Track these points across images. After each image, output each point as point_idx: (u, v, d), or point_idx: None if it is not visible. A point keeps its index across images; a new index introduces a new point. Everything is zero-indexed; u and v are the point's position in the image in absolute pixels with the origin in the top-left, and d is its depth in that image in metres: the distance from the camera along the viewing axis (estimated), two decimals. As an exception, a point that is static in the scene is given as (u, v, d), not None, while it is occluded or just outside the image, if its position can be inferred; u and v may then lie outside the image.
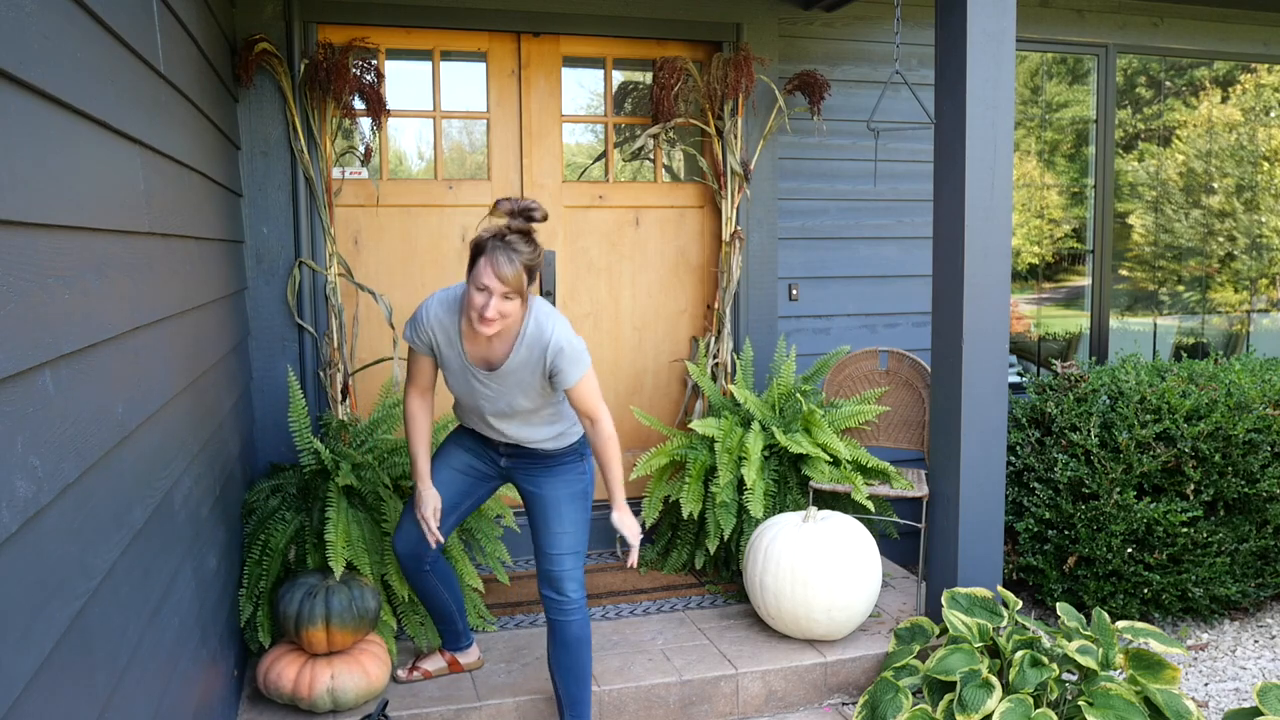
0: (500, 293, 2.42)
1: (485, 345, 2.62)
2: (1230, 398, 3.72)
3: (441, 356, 2.68)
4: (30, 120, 1.31)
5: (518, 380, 2.62)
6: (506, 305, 2.44)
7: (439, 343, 2.66)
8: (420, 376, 2.77)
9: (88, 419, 1.50)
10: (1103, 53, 4.91)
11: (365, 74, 3.73)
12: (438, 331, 2.65)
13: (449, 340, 2.65)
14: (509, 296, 2.43)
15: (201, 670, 2.35)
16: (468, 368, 2.64)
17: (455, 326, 2.63)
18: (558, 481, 2.77)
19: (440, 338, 2.65)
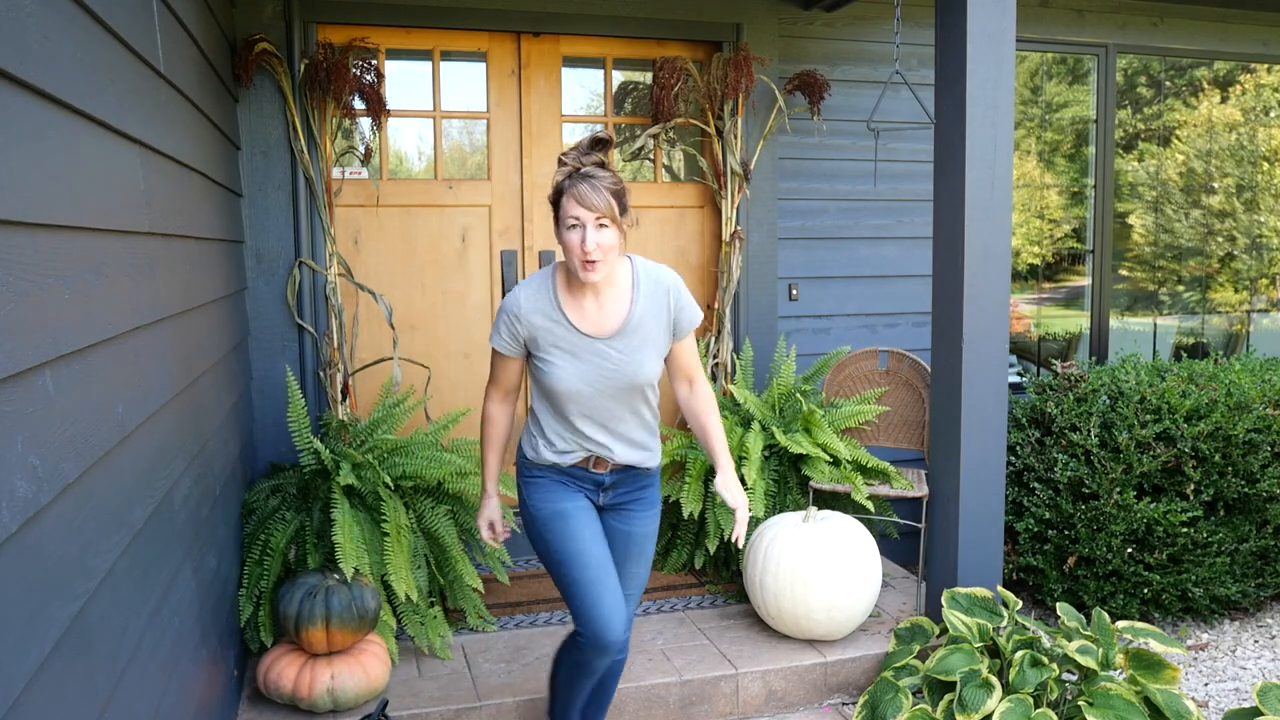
0: (594, 221, 2.20)
1: (597, 312, 2.35)
2: (1230, 398, 3.72)
3: (545, 348, 2.35)
4: (30, 120, 1.31)
5: (646, 336, 2.37)
6: (604, 236, 2.22)
7: (538, 331, 2.34)
8: (505, 378, 2.48)
9: (88, 419, 1.50)
10: (1103, 53, 4.91)
11: (365, 74, 3.73)
12: (535, 318, 2.34)
13: (551, 321, 2.34)
14: (603, 224, 2.21)
15: (201, 670, 2.35)
16: (586, 342, 2.34)
17: (553, 303, 2.34)
18: (648, 515, 2.54)
19: (539, 322, 2.34)
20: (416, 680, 3.12)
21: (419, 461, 3.34)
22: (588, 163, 2.26)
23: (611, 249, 2.24)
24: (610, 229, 2.22)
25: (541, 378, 2.38)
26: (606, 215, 2.20)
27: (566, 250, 2.25)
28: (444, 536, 3.33)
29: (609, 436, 2.43)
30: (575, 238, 2.22)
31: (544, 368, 2.36)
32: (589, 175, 2.22)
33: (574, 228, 2.22)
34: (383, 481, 3.20)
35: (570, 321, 2.34)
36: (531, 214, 4.20)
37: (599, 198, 2.20)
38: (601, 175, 2.23)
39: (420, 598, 3.26)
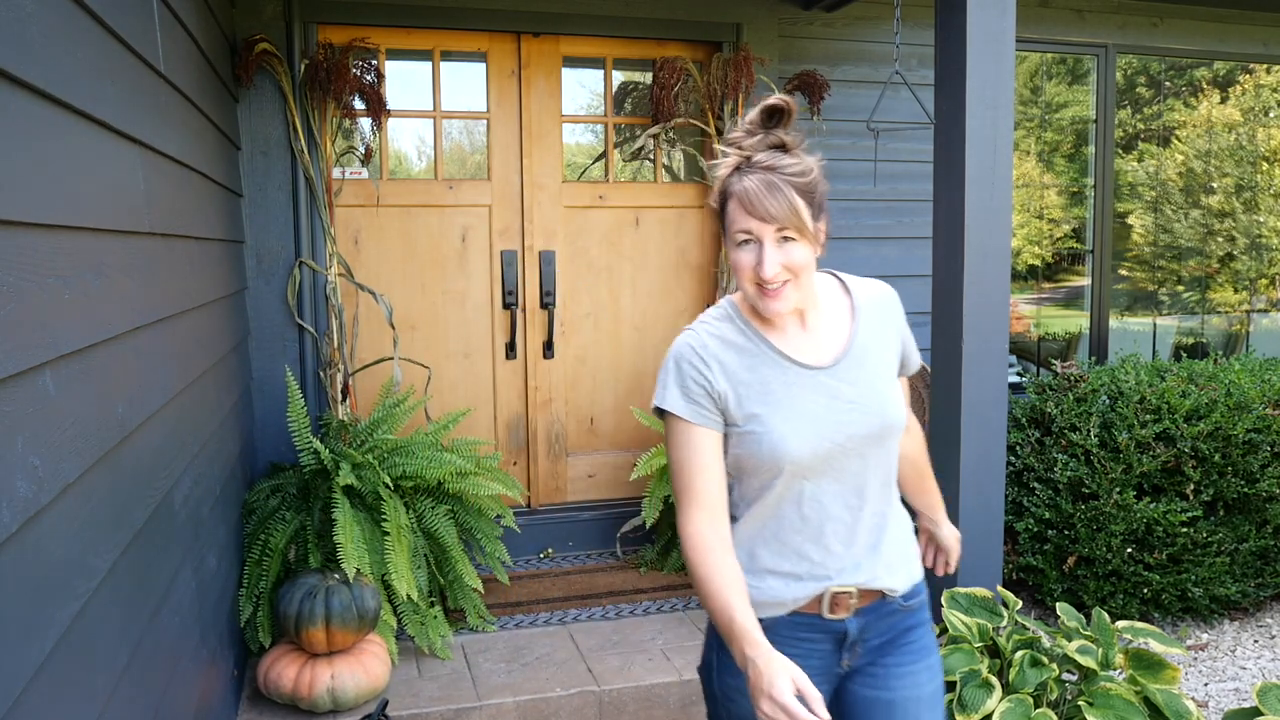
0: (773, 235, 1.53)
1: (806, 336, 1.66)
2: (1230, 398, 3.72)
3: (750, 404, 1.58)
4: (30, 120, 1.31)
5: (879, 363, 1.67)
6: (792, 253, 1.54)
7: (735, 377, 1.59)
8: (705, 469, 1.57)
9: (88, 419, 1.50)
10: (1102, 53, 4.91)
11: (365, 74, 3.73)
12: (729, 355, 1.60)
13: (752, 356, 1.61)
14: (788, 236, 1.54)
15: (201, 670, 2.36)
16: (807, 376, 1.61)
17: (746, 332, 1.63)
18: (920, 668, 1.70)
19: (735, 362, 1.60)
20: (416, 680, 3.12)
21: (419, 461, 3.34)
22: (761, 148, 1.58)
23: (804, 269, 1.57)
24: (798, 243, 1.55)
25: (748, 459, 1.59)
26: (790, 225, 1.53)
27: (737, 273, 1.58)
28: (444, 536, 3.33)
29: (849, 541, 1.63)
30: (747, 258, 1.56)
31: (751, 439, 1.58)
32: (764, 167, 1.55)
33: (745, 244, 1.56)
34: (383, 481, 3.20)
35: (778, 349, 1.62)
36: (531, 214, 4.20)
37: (778, 201, 1.52)
38: (784, 164, 1.55)
39: (420, 598, 3.26)
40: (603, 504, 4.40)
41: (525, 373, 4.27)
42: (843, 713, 1.70)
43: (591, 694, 3.06)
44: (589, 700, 3.06)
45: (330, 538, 3.06)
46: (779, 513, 1.61)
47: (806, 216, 1.54)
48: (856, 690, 1.68)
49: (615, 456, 4.42)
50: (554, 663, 3.23)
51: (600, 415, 4.41)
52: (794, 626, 1.63)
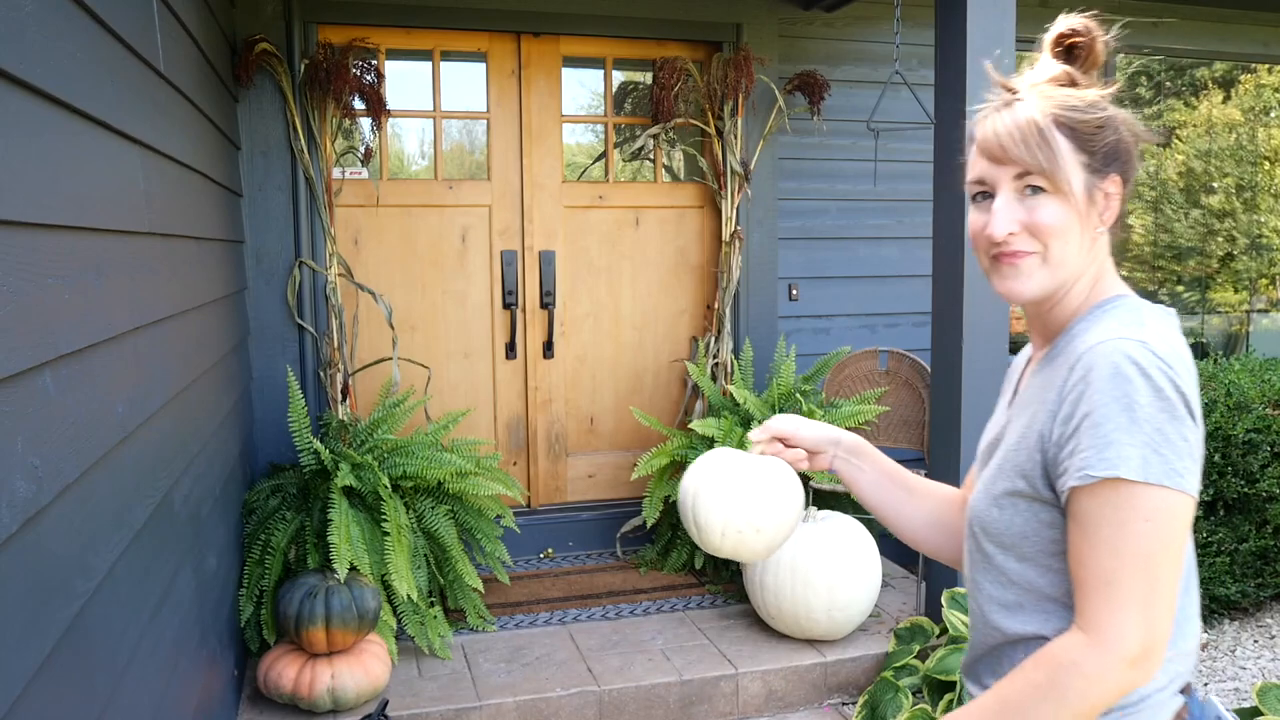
0: (1011, 183, 1.13)
1: (1037, 361, 1.25)
2: (1230, 398, 3.72)
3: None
4: (30, 120, 1.31)
5: (1015, 442, 1.17)
6: (1039, 210, 1.12)
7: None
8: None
9: (88, 419, 1.50)
10: (1103, 53, 4.90)
11: (365, 74, 3.73)
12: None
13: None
14: (1034, 184, 1.12)
15: (201, 670, 2.36)
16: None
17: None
18: None
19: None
20: (416, 680, 3.12)
21: (419, 461, 3.34)
22: (1035, 84, 1.17)
23: (1060, 234, 1.13)
24: (1051, 197, 1.12)
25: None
26: (1037, 170, 1.11)
27: (972, 242, 1.20)
28: (444, 536, 3.33)
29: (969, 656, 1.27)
30: (976, 217, 1.17)
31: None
32: (1031, 96, 1.15)
33: (977, 197, 1.18)
34: (382, 482, 3.20)
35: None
36: (531, 214, 4.19)
37: (1025, 140, 1.11)
38: (1055, 95, 1.14)
39: (420, 598, 3.26)
40: (603, 504, 4.40)
41: (525, 373, 4.27)
42: None
43: (591, 694, 3.06)
44: (589, 700, 3.06)
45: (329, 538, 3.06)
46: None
47: (1068, 162, 1.10)
48: None
49: (615, 456, 4.42)
50: (554, 663, 3.23)
51: (600, 415, 4.41)
52: None
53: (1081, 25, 1.19)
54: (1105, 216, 1.16)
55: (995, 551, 1.16)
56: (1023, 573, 1.13)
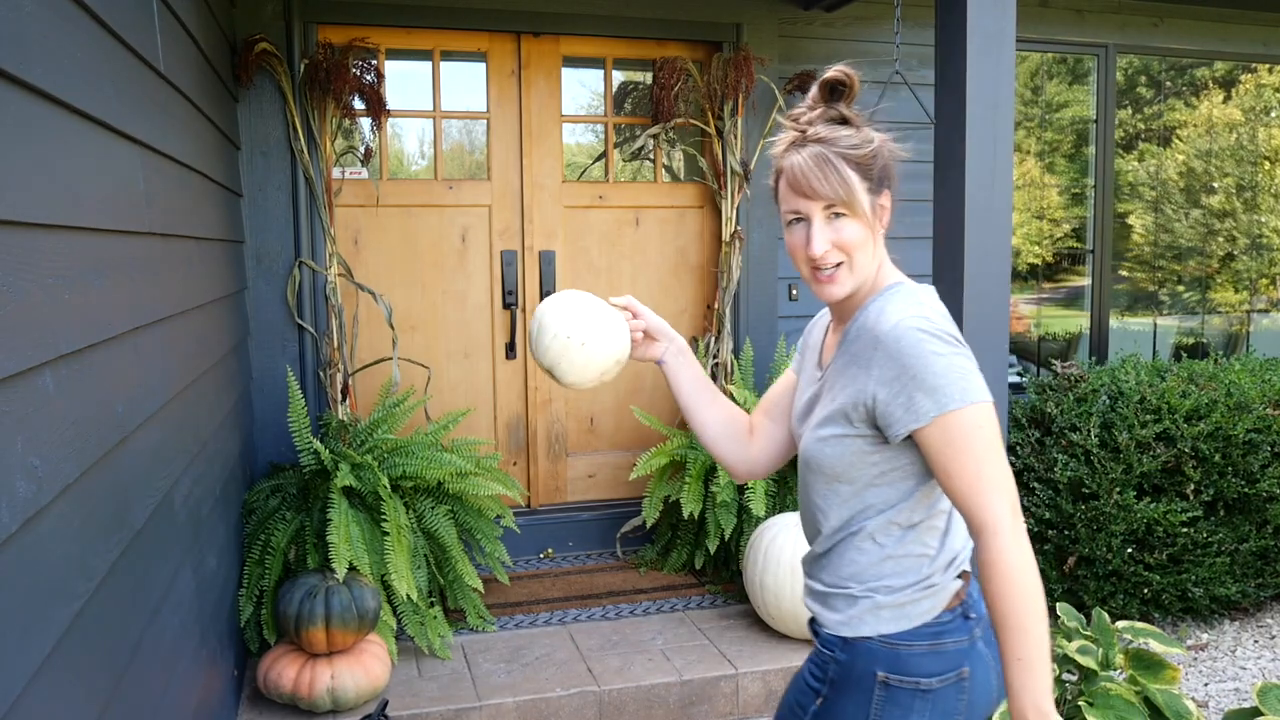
0: (822, 213, 1.45)
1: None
2: (1230, 398, 3.72)
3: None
4: (30, 120, 1.31)
5: (832, 400, 1.53)
6: (843, 230, 1.46)
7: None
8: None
9: (88, 419, 1.50)
10: (1103, 53, 4.90)
11: (365, 74, 3.73)
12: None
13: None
14: (837, 212, 1.45)
15: (201, 670, 2.36)
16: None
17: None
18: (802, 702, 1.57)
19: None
20: (416, 680, 3.12)
21: (419, 461, 3.34)
22: (819, 121, 1.49)
23: (857, 248, 1.46)
24: (851, 219, 1.45)
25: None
26: (840, 200, 1.44)
27: (792, 257, 1.52)
28: (444, 536, 3.33)
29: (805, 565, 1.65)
30: (798, 238, 1.48)
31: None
32: (817, 140, 1.46)
33: (795, 223, 1.49)
34: (382, 482, 3.20)
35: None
36: (531, 214, 4.19)
37: (827, 176, 1.43)
38: (838, 137, 1.46)
39: (420, 598, 3.26)
40: (603, 504, 4.40)
41: (525, 373, 4.27)
42: None
43: (591, 694, 3.06)
44: (589, 700, 3.06)
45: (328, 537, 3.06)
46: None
47: (859, 191, 1.43)
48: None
49: (615, 456, 4.42)
50: (554, 663, 3.23)
51: (600, 415, 4.41)
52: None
53: (844, 75, 1.50)
54: (884, 223, 1.51)
55: (823, 477, 1.51)
56: (842, 488, 1.49)
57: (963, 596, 1.50)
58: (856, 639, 1.47)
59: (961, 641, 1.47)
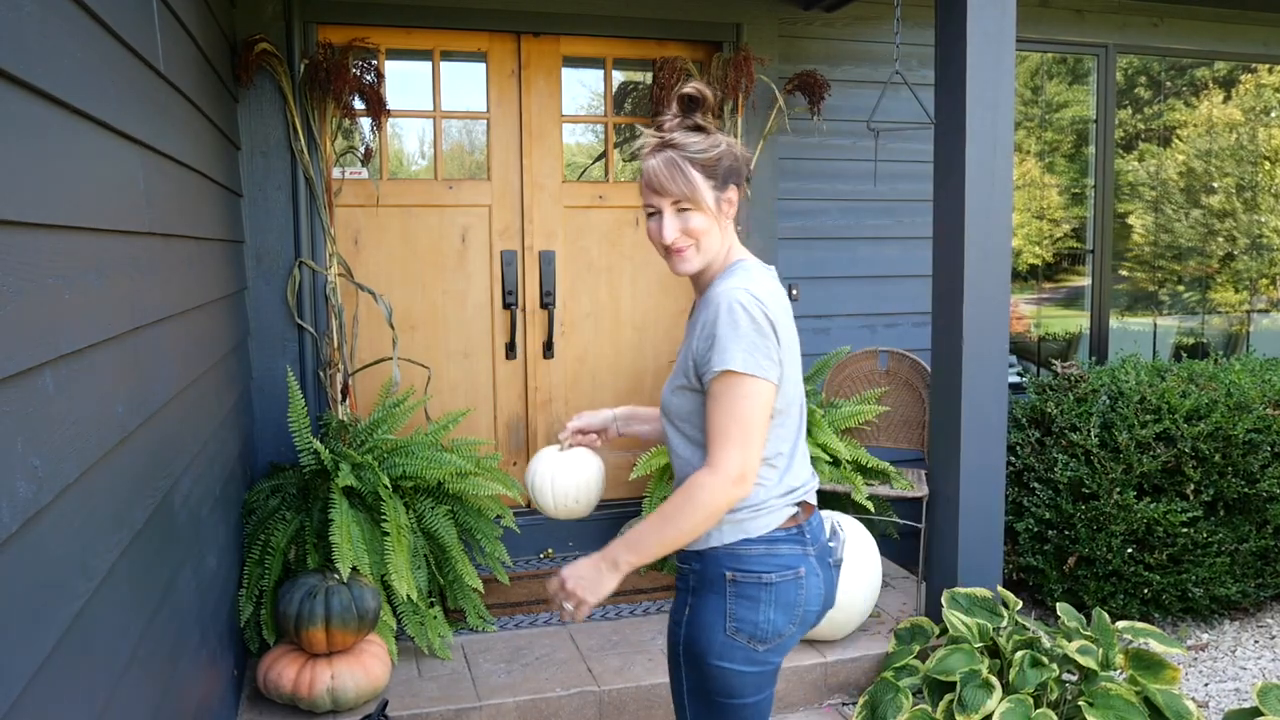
0: (671, 205, 1.77)
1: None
2: (1230, 398, 3.72)
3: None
4: (30, 120, 1.31)
5: (682, 357, 1.87)
6: (690, 220, 1.77)
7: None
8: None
9: (88, 419, 1.50)
10: (1103, 53, 4.90)
11: (365, 74, 3.73)
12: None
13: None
14: (683, 207, 1.76)
15: (201, 670, 2.36)
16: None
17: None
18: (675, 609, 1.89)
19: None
20: (416, 680, 3.12)
21: (419, 462, 3.34)
22: (677, 129, 1.79)
23: (703, 234, 1.77)
24: (694, 213, 1.76)
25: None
26: (686, 197, 1.75)
27: (650, 239, 1.86)
28: (444, 536, 3.33)
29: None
30: (654, 227, 1.81)
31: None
32: (670, 145, 1.77)
33: (651, 215, 1.82)
34: (382, 482, 3.20)
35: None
36: (531, 214, 4.19)
37: (674, 177, 1.74)
38: (689, 143, 1.75)
39: (420, 598, 3.26)
40: (603, 504, 4.36)
41: (525, 373, 4.27)
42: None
43: (591, 694, 3.06)
44: (589, 700, 3.06)
45: (330, 538, 3.06)
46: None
47: (703, 189, 1.75)
48: None
49: (615, 456, 4.42)
50: (554, 663, 3.23)
51: (600, 415, 4.40)
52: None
53: (697, 90, 1.79)
54: (729, 213, 1.81)
55: (674, 423, 1.82)
56: (690, 431, 1.79)
57: (799, 521, 1.81)
58: (706, 550, 1.78)
59: (795, 550, 1.79)
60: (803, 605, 1.78)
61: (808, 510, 1.85)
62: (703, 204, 1.76)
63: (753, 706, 1.80)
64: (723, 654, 1.75)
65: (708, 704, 1.80)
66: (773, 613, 1.75)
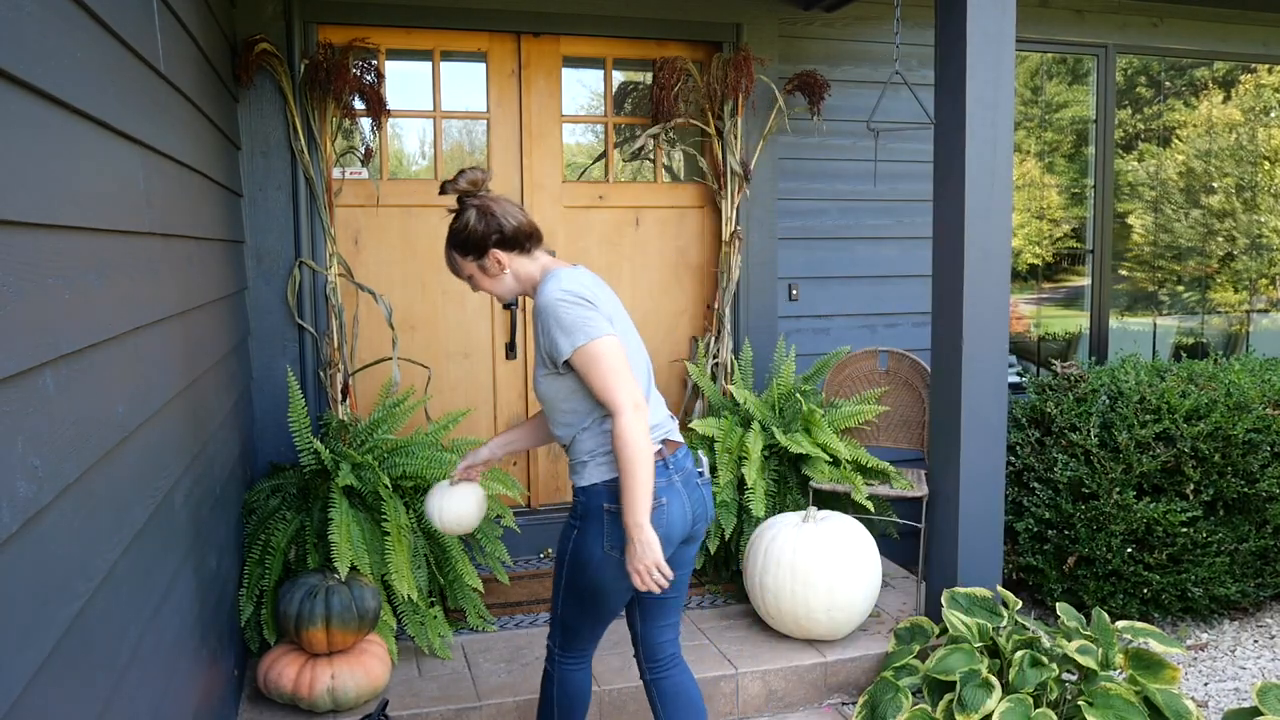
0: (463, 279, 2.33)
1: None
2: (1230, 398, 3.72)
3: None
4: (30, 120, 1.31)
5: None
6: (479, 285, 2.31)
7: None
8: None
9: (88, 419, 1.50)
10: (1103, 53, 4.91)
11: (365, 74, 3.73)
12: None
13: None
14: (460, 277, 2.32)
15: (201, 670, 2.36)
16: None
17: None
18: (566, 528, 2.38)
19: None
20: (416, 680, 3.12)
21: (419, 461, 3.34)
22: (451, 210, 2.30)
23: (493, 287, 2.29)
24: (475, 279, 2.29)
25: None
26: (460, 276, 2.31)
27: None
28: (444, 536, 3.33)
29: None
30: (470, 283, 2.37)
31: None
32: (448, 231, 2.28)
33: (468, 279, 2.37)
34: (383, 482, 3.20)
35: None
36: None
37: (449, 264, 2.30)
38: (450, 229, 2.26)
39: (420, 598, 3.26)
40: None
41: (525, 373, 4.27)
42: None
43: (591, 694, 3.05)
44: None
45: (330, 537, 3.06)
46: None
47: (465, 265, 2.27)
48: None
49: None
50: (554, 663, 3.23)
51: (600, 415, 4.40)
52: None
53: (467, 182, 2.25)
54: (504, 265, 2.25)
55: (546, 403, 2.27)
56: (559, 404, 2.23)
57: (663, 455, 2.23)
58: (589, 485, 2.22)
59: (659, 482, 2.18)
60: (664, 528, 2.19)
61: (671, 447, 2.28)
62: (474, 275, 2.29)
63: (611, 599, 2.29)
64: (601, 567, 2.22)
65: (578, 599, 2.30)
66: None
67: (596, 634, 2.41)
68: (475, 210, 2.22)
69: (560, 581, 2.33)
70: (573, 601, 2.32)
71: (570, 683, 2.45)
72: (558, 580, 2.34)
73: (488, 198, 2.25)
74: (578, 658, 2.44)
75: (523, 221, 2.26)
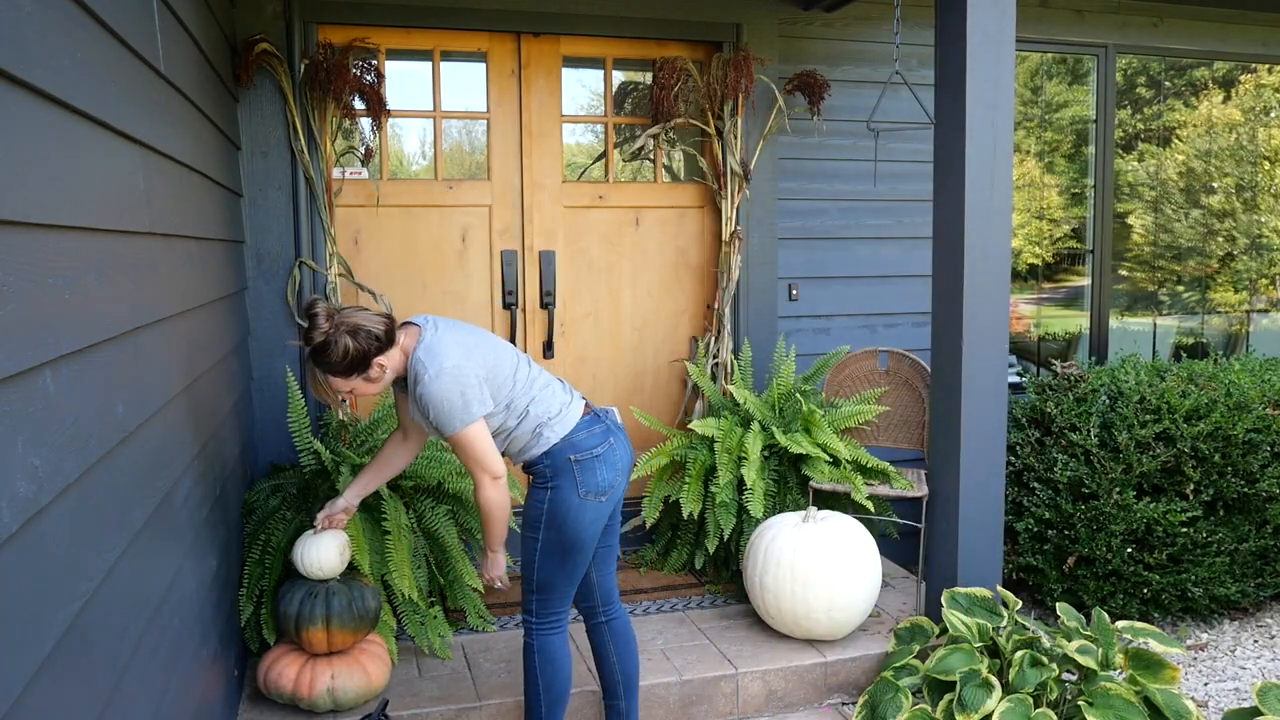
0: (342, 397, 2.50)
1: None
2: (1230, 398, 3.72)
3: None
4: (30, 120, 1.31)
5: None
6: (361, 392, 2.47)
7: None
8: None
9: (88, 419, 1.50)
10: (1102, 53, 4.91)
11: (365, 74, 3.73)
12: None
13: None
14: (335, 401, 2.53)
15: (201, 670, 2.36)
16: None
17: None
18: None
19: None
20: (416, 680, 3.12)
21: (419, 461, 3.34)
22: (314, 342, 2.40)
23: (371, 390, 2.47)
24: (356, 392, 2.46)
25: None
26: (340, 395, 2.48)
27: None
28: (444, 536, 3.34)
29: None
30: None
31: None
32: (316, 363, 2.41)
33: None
34: (383, 481, 3.19)
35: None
36: (531, 214, 4.20)
37: (324, 385, 2.44)
38: (320, 360, 2.38)
39: (420, 598, 3.26)
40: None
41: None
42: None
43: (592, 694, 3.06)
44: (589, 700, 3.06)
45: (330, 538, 3.06)
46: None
47: (340, 382, 2.41)
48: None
49: (615, 456, 4.42)
50: (554, 663, 3.22)
51: (600, 415, 4.40)
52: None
53: (323, 314, 2.37)
54: (385, 366, 2.44)
55: (428, 429, 2.52)
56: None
57: (591, 409, 2.63)
58: (550, 449, 2.52)
59: (600, 428, 2.59)
60: (618, 462, 2.58)
61: (588, 410, 2.65)
62: (356, 389, 2.45)
63: (587, 544, 2.56)
64: (580, 511, 2.51)
65: (560, 553, 2.55)
66: (604, 471, 2.55)
67: (570, 592, 2.63)
68: (347, 335, 2.34)
69: (535, 545, 2.57)
70: (553, 557, 2.56)
71: (550, 647, 2.64)
72: (532, 546, 2.58)
73: (343, 317, 2.36)
74: (554, 622, 2.64)
75: (387, 318, 2.42)
